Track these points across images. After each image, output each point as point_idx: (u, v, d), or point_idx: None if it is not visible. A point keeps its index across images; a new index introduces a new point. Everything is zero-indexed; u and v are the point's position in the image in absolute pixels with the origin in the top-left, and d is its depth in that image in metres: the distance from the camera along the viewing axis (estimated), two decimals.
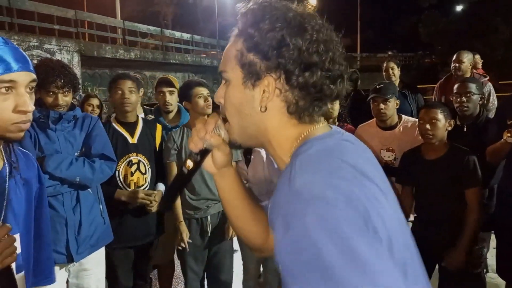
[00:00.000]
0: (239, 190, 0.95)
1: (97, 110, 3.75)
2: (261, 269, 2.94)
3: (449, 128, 2.32)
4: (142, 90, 3.13)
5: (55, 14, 14.62)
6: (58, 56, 13.67)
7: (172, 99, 2.94)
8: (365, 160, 0.75)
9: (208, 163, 0.90)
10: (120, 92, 2.42)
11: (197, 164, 0.88)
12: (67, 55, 14.16)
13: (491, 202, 2.56)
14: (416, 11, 28.77)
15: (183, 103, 2.65)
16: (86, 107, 3.68)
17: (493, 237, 2.44)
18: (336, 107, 2.88)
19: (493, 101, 4.01)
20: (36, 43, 13.00)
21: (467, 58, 3.95)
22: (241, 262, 2.85)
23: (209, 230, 2.58)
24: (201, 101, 2.51)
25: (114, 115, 2.63)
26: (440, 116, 2.27)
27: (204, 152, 0.87)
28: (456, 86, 2.79)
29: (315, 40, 0.74)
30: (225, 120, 0.85)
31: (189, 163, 0.87)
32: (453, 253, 2.18)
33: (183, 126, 2.66)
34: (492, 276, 2.90)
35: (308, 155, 0.71)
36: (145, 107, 3.46)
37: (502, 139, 2.15)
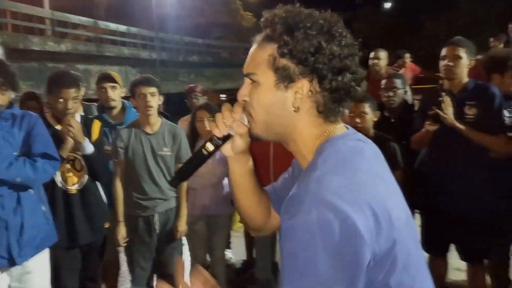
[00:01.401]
0: (250, 174, 1.01)
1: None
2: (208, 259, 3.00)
3: (375, 119, 2.56)
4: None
5: None
6: None
7: (115, 95, 2.88)
8: (375, 158, 0.84)
9: (226, 147, 0.95)
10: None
11: (217, 148, 0.93)
12: None
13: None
14: (351, 7, 30.10)
15: (130, 100, 2.63)
16: (29, 104, 3.43)
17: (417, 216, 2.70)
18: None
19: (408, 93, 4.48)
20: None
21: (384, 56, 4.38)
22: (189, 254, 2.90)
23: (157, 228, 2.59)
24: (140, 101, 2.50)
25: (49, 112, 2.53)
26: (368, 109, 2.51)
27: (226, 138, 0.92)
28: (383, 82, 3.08)
29: (344, 45, 0.81)
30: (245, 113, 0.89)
31: (209, 146, 0.92)
32: None
33: (131, 125, 2.63)
34: None
35: (330, 155, 0.78)
36: (84, 103, 3.34)
37: (424, 128, 2.39)
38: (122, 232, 2.55)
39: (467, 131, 2.28)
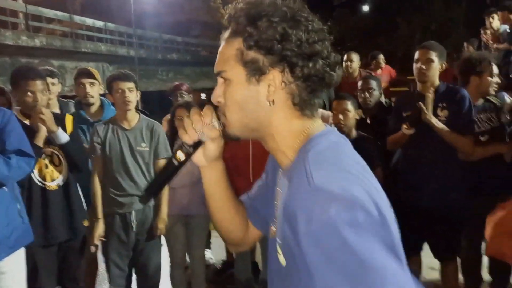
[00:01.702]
0: (225, 183, 0.96)
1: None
2: (188, 260, 3.00)
3: (357, 117, 2.62)
4: (56, 81, 2.98)
5: None
6: None
7: (93, 91, 2.85)
8: (356, 153, 0.82)
9: (198, 155, 0.90)
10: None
11: (189, 156, 0.86)
12: None
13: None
14: (328, 8, 30.43)
15: (107, 96, 2.59)
16: None
17: None
18: None
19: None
20: None
21: (356, 58, 4.54)
22: (168, 255, 2.89)
23: (134, 226, 2.56)
24: (118, 97, 2.47)
25: (18, 108, 2.47)
26: (350, 107, 2.57)
27: (197, 144, 0.86)
28: (359, 83, 3.17)
29: (311, 30, 0.78)
30: (220, 115, 0.85)
31: (180, 155, 0.85)
32: None
33: (108, 121, 2.60)
34: None
35: (319, 152, 0.75)
36: (60, 99, 3.28)
37: (400, 131, 2.46)
38: (99, 229, 2.52)
39: (442, 130, 2.36)
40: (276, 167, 0.90)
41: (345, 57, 4.52)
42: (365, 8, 30.94)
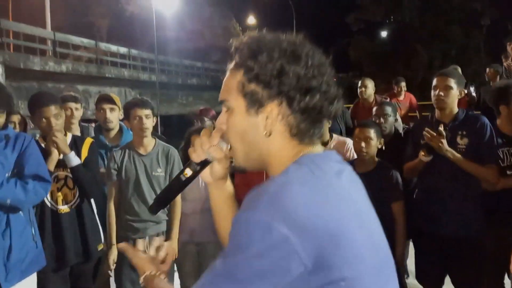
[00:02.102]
0: (231, 202, 1.00)
1: (18, 127, 3.50)
2: None
3: (379, 146, 2.56)
4: (79, 106, 3.05)
5: None
6: None
7: (113, 117, 2.90)
8: (351, 182, 0.82)
9: (206, 173, 0.95)
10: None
11: (196, 174, 0.92)
12: None
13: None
14: (347, 34, 30.70)
15: (124, 121, 2.64)
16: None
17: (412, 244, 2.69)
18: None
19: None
20: None
21: (371, 84, 4.54)
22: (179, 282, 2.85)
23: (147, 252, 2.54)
24: (135, 123, 2.51)
25: (38, 135, 2.53)
26: (373, 135, 2.51)
27: (205, 163, 0.91)
28: (375, 109, 3.14)
29: (310, 65, 0.80)
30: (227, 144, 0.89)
31: (188, 172, 0.91)
32: None
33: (124, 147, 2.63)
34: (414, 283, 3.16)
35: (301, 165, 0.78)
36: (82, 124, 3.36)
37: (418, 158, 2.40)
38: (113, 255, 2.51)
39: (461, 161, 2.29)
40: None
41: (359, 83, 4.53)
42: (383, 34, 31.08)
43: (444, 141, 2.27)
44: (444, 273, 2.50)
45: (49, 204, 2.31)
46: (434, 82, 2.46)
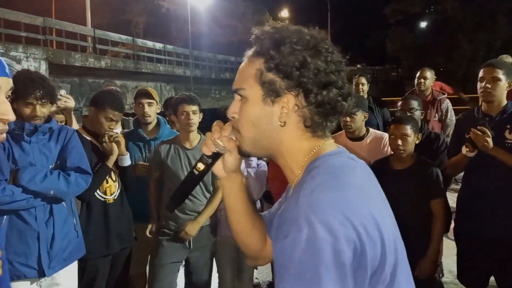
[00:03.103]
0: (243, 196, 1.00)
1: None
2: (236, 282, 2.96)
3: (417, 142, 2.43)
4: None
5: (23, 21, 14.24)
6: (24, 64, 13.28)
7: (151, 111, 2.96)
8: (365, 177, 0.83)
9: (218, 167, 0.95)
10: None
11: (208, 167, 0.91)
12: (34, 62, 13.78)
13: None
14: (384, 26, 29.84)
15: (171, 116, 2.70)
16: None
17: (453, 243, 2.57)
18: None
19: (451, 117, 4.20)
20: (1, 50, 12.60)
21: (430, 76, 4.18)
22: (217, 275, 2.87)
23: (189, 243, 2.58)
24: (182, 119, 2.59)
25: (80, 125, 2.63)
26: (410, 131, 2.37)
27: (216, 156, 0.91)
28: (399, 103, 3.01)
29: (329, 61, 0.82)
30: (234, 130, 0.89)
31: (200, 166, 0.91)
32: (424, 262, 2.28)
33: (170, 141, 2.70)
34: (454, 282, 3.04)
35: (321, 171, 0.78)
36: (122, 117, 3.45)
37: (461, 153, 2.29)
38: (155, 219, 2.66)
39: (508, 159, 2.16)
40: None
41: (418, 74, 4.20)
42: (423, 25, 29.95)
43: (490, 140, 2.14)
44: (489, 274, 2.39)
45: (98, 196, 2.40)
46: (481, 73, 2.33)
